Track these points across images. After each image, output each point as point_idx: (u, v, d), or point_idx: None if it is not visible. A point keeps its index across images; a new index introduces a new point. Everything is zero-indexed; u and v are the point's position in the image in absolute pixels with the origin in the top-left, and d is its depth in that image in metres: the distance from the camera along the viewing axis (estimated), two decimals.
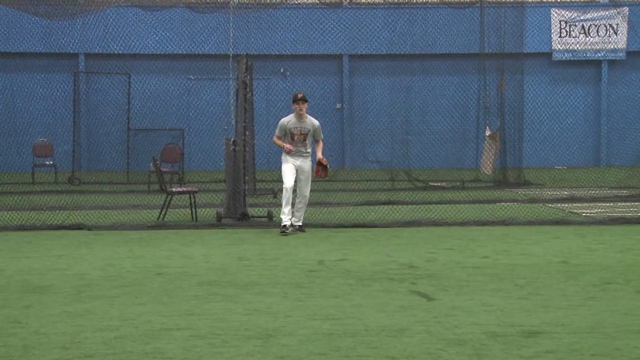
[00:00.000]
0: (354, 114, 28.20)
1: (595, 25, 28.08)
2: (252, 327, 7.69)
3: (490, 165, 23.04)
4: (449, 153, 26.01)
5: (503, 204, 17.60)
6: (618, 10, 27.04)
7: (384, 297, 9.07)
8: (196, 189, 16.59)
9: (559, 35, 28.12)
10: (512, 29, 23.08)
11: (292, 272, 10.62)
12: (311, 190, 14.31)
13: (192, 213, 15.58)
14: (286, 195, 13.90)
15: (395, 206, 17.18)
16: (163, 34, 26.85)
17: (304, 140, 14.05)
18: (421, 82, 27.06)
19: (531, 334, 7.42)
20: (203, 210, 16.15)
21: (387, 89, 27.08)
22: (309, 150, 14.20)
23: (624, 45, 28.04)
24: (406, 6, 24.72)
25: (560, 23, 28.06)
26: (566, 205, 17.87)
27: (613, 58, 28.31)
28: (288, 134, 14.04)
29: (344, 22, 26.68)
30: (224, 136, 17.61)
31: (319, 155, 14.19)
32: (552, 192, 20.21)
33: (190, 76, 27.43)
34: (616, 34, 28.05)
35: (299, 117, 14.02)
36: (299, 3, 24.43)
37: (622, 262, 11.19)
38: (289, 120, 14.10)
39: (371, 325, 7.79)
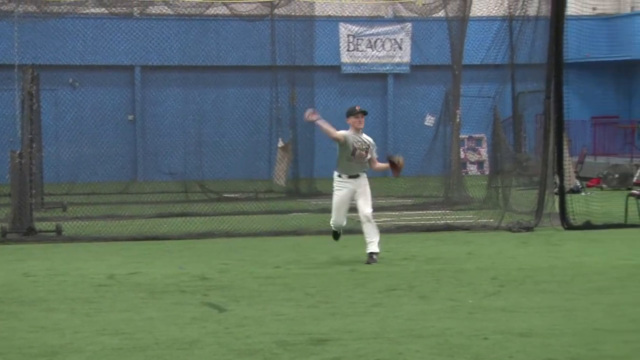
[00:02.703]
0: (146, 125, 27.89)
1: (381, 40, 29.04)
2: (38, 345, 7.48)
3: (283, 176, 23.36)
4: (243, 164, 26.15)
5: (295, 214, 17.87)
6: (402, 25, 28.09)
7: (176, 309, 9.04)
8: None
9: (347, 49, 28.89)
10: (302, 42, 23.51)
11: (81, 287, 10.40)
12: (108, 203, 13.88)
13: None
14: (333, 227, 12.50)
15: (188, 218, 17.12)
16: None
17: (366, 155, 12.15)
18: (214, 93, 27.10)
19: (319, 342, 7.60)
20: None
21: (180, 100, 26.95)
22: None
23: (408, 60, 29.12)
24: (198, 18, 24.71)
25: (348, 37, 28.84)
26: (355, 214, 18.32)
27: (398, 71, 29.35)
28: (347, 150, 12.04)
29: (135, 33, 26.32)
30: (9, 149, 17.00)
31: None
32: None
33: None
34: (401, 48, 29.11)
35: (357, 131, 12.14)
36: (88, 13, 23.90)
37: (406, 269, 11.64)
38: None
39: (162, 338, 7.75)
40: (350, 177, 12.13)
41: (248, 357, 7.16)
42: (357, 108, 12.24)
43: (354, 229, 15.79)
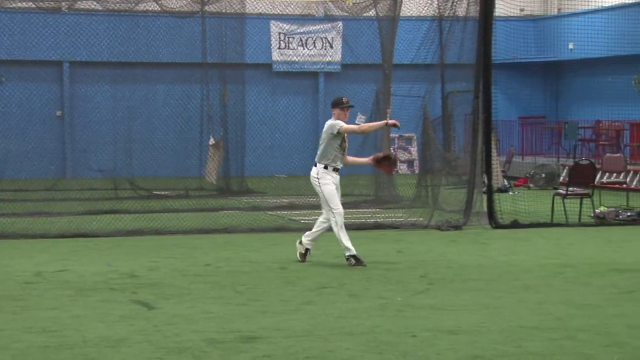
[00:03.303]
0: (75, 121, 27.53)
1: (312, 39, 29.08)
2: None
3: (214, 173, 23.26)
4: (173, 162, 26.00)
5: (226, 212, 17.84)
6: (332, 24, 28.17)
7: (104, 307, 8.97)
8: None
9: (278, 47, 28.88)
10: (233, 40, 23.42)
11: (7, 284, 10.25)
12: (36, 200, 13.67)
13: None
14: (340, 221, 11.91)
15: (118, 215, 16.97)
16: None
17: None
18: (144, 90, 26.86)
19: (249, 339, 7.60)
20: None
21: (109, 96, 26.67)
22: None
23: (339, 58, 29.21)
24: (127, 13, 24.42)
25: (279, 35, 28.83)
26: (286, 212, 18.37)
27: (329, 70, 29.42)
28: (338, 139, 11.85)
29: (64, 28, 25.97)
30: None
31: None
32: (273, 200, 20.71)
33: None
34: (332, 47, 29.19)
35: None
36: (15, 7, 23.49)
37: (337, 267, 11.69)
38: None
39: (90, 336, 7.68)
40: (334, 169, 12.07)
41: (177, 355, 7.13)
42: (344, 100, 11.91)
43: (285, 227, 15.83)
